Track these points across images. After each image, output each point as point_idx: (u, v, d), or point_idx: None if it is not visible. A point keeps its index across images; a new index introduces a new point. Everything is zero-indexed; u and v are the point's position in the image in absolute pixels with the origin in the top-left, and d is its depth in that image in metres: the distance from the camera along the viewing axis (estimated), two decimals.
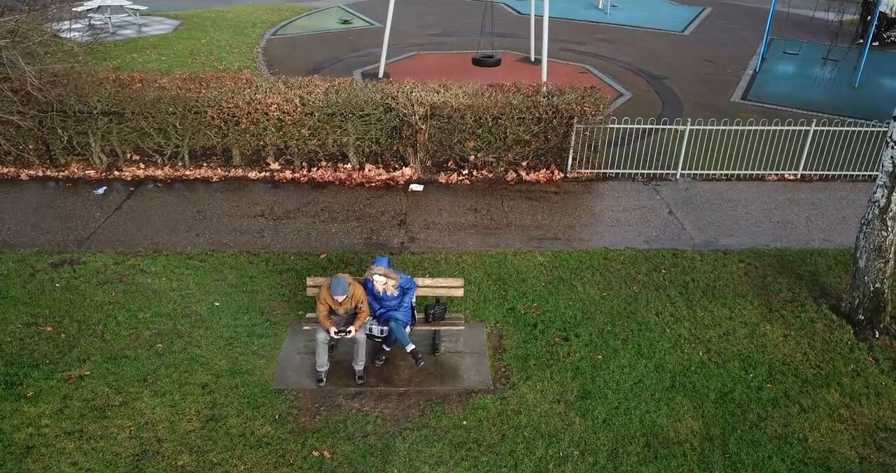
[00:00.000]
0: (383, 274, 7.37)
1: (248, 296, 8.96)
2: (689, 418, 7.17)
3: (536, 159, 12.72)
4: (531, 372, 7.74)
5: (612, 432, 6.97)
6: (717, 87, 18.16)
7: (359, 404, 7.25)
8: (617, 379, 7.66)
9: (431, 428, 6.94)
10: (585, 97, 12.26)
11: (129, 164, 12.53)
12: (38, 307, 8.62)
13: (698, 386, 7.62)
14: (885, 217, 8.34)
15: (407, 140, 12.31)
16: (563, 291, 9.25)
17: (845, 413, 7.32)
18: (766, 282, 9.59)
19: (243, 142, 12.34)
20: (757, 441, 6.93)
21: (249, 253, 9.99)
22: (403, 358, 7.76)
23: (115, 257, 9.79)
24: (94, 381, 7.44)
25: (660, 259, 10.13)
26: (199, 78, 12.76)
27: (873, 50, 19.48)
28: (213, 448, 6.65)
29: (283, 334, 8.29)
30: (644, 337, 8.37)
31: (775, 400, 7.44)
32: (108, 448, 6.61)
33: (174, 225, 10.76)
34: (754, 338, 8.41)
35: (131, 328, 8.30)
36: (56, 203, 11.42)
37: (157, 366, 7.68)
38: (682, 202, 12.01)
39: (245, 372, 7.64)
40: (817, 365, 8.01)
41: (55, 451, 6.55)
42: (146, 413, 7.04)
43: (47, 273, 9.37)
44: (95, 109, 11.77)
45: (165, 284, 9.16)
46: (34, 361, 7.68)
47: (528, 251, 10.25)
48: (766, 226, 11.24)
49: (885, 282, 8.55)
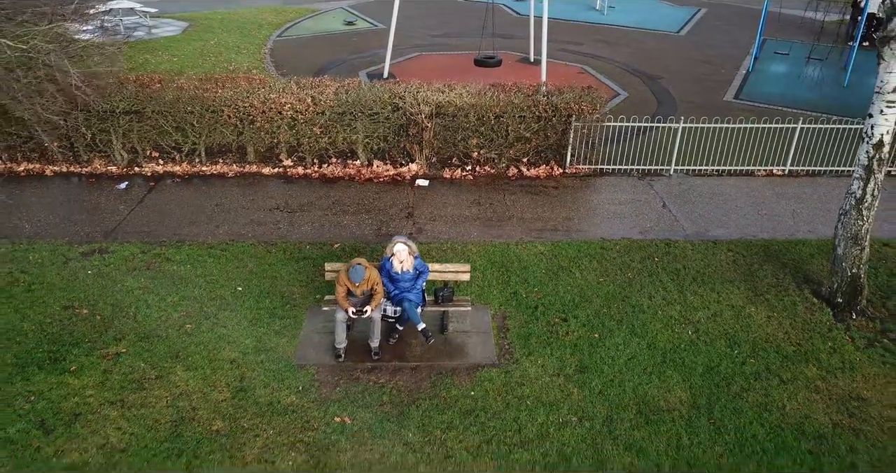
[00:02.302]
0: (404, 242, 8.04)
1: (269, 282, 9.60)
2: (677, 389, 7.82)
3: (536, 155, 13.38)
4: (533, 349, 8.39)
5: (607, 401, 7.62)
6: (711, 87, 18.82)
7: (375, 377, 7.90)
8: (612, 356, 8.32)
9: (442, 398, 7.59)
10: (583, 96, 12.91)
11: (148, 161, 13.16)
12: (73, 292, 9.26)
13: (687, 361, 8.27)
14: (861, 207, 9.00)
15: (413, 137, 12.95)
16: (562, 278, 9.90)
17: (821, 384, 7.98)
18: (752, 270, 10.25)
19: (257, 139, 12.99)
20: (739, 408, 7.58)
21: (267, 243, 10.63)
22: (415, 336, 8.40)
23: (142, 247, 10.43)
24: (130, 358, 8.08)
25: (653, 248, 10.78)
26: (214, 78, 13.41)
27: (864, 49, 20.16)
28: (244, 415, 7.29)
29: (302, 316, 8.93)
30: (637, 318, 9.02)
31: (757, 374, 8.10)
32: (148, 414, 7.25)
33: (194, 217, 11.40)
34: (740, 319, 9.07)
35: (161, 310, 8.94)
36: (81, 197, 12.05)
37: (188, 344, 8.32)
38: (675, 196, 12.66)
39: (269, 349, 8.28)
40: (797, 343, 8.67)
41: (100, 417, 7.19)
42: (180, 385, 7.68)
43: (79, 261, 10.01)
44: (118, 108, 12.40)
45: (190, 271, 9.80)
46: (74, 340, 8.32)
47: (528, 241, 10.90)
48: (754, 218, 11.89)
49: (861, 268, 9.21)
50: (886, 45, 8.31)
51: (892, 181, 13.03)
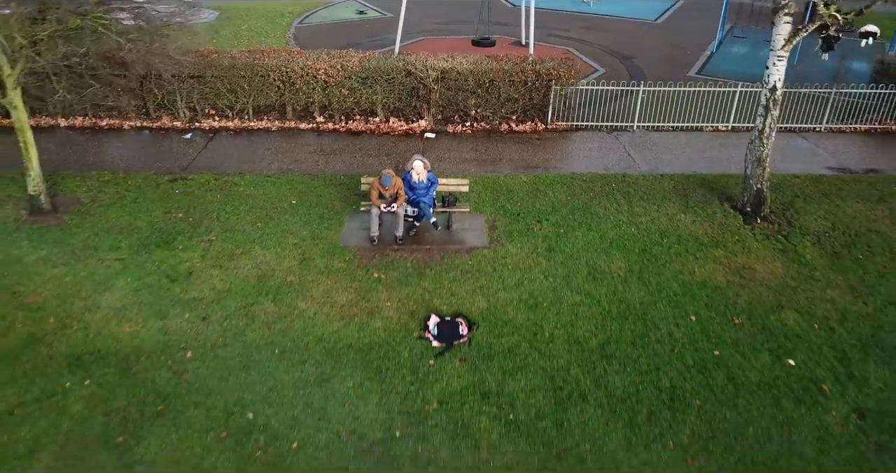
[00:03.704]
0: (420, 159, 11.02)
1: (315, 198, 12.59)
2: (618, 261, 10.81)
3: (523, 114, 16.36)
4: (514, 239, 11.38)
5: (566, 267, 10.61)
6: (678, 66, 21.78)
7: (399, 254, 10.88)
8: (572, 242, 11.31)
9: (448, 265, 10.58)
10: (561, 65, 15.90)
11: (206, 118, 16.14)
12: (168, 203, 12.25)
13: (627, 246, 11.26)
14: (762, 137, 11.98)
15: (422, 98, 15.92)
16: (539, 197, 12.89)
17: (724, 260, 10.97)
18: (687, 192, 13.24)
19: (296, 100, 15.97)
20: (662, 273, 10.56)
21: (310, 174, 13.61)
22: (428, 230, 11.39)
23: (213, 176, 13.41)
24: (219, 242, 11.07)
25: (612, 179, 13.76)
26: (261, 50, 16.40)
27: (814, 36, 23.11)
28: (309, 273, 10.28)
29: (343, 219, 11.91)
30: (594, 221, 12.01)
31: (678, 254, 11.09)
32: (240, 273, 10.24)
33: (250, 157, 14.38)
34: (671, 222, 12.06)
35: (237, 215, 11.93)
36: (157, 144, 15.03)
37: (261, 235, 11.31)
38: (635, 145, 15.64)
39: (321, 238, 11.27)
40: (712, 236, 11.66)
41: (206, 274, 10.18)
42: (259, 257, 10.67)
43: (167, 185, 12.99)
44: (184, 73, 15.37)
45: (254, 191, 12.80)
46: (177, 232, 11.31)
47: (514, 174, 13.88)
48: (697, 160, 14.87)
49: (763, 184, 12.19)
50: (777, 13, 11.29)
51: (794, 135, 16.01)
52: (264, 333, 9.00)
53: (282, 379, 8.23)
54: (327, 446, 7.32)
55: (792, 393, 8.22)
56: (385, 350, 8.76)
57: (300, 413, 7.72)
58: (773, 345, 9.04)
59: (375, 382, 8.22)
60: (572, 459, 7.26)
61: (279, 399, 7.93)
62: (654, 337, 9.14)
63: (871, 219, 12.36)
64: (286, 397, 7.96)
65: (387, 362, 8.55)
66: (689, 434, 7.61)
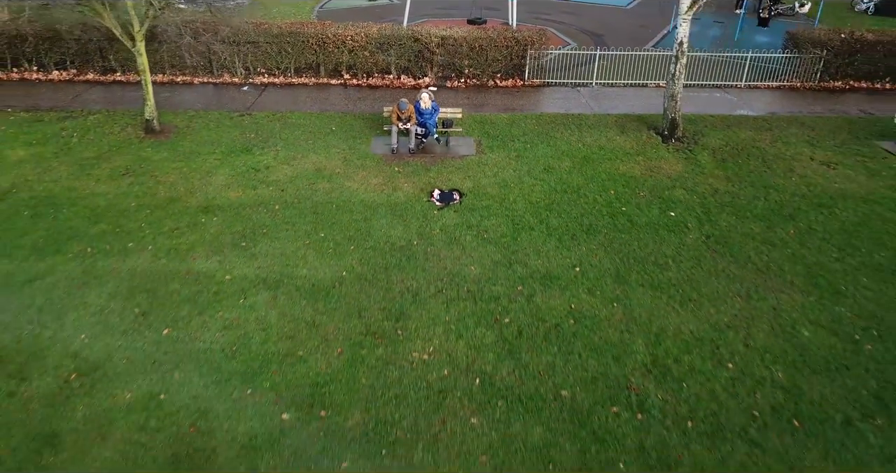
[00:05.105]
0: (427, 91, 15.57)
1: (348, 127, 17.14)
2: (566, 162, 15.36)
3: (506, 73, 20.87)
4: (494, 151, 15.92)
5: (528, 166, 15.14)
6: (639, 41, 26.28)
7: (412, 158, 15.43)
8: (535, 153, 15.86)
9: (447, 164, 15.13)
10: (534, 34, 20.44)
11: (257, 75, 20.67)
12: (241, 129, 16.80)
13: (574, 154, 15.81)
14: (674, 78, 16.53)
15: (426, 59, 20.45)
16: (514, 127, 17.43)
17: (643, 163, 15.50)
18: (625, 125, 17.79)
19: (328, 61, 20.50)
20: (596, 168, 15.09)
21: (343, 112, 18.16)
22: (432, 144, 15.95)
23: (271, 114, 17.96)
24: (284, 151, 15.62)
25: (571, 117, 18.30)
26: (301, 22, 20.95)
27: (749, 17, 27.67)
28: (350, 168, 14.83)
29: (370, 138, 16.43)
30: (552, 141, 16.56)
31: (610, 158, 15.63)
32: (302, 167, 14.79)
33: (295, 103, 18.92)
34: (610, 141, 16.61)
35: (293, 135, 16.47)
36: (221, 94, 19.58)
37: (313, 146, 15.86)
38: (593, 96, 20.18)
39: (356, 149, 15.81)
40: (637, 149, 16.21)
41: (279, 168, 14.72)
42: (314, 159, 15.21)
43: (238, 118, 17.54)
44: (243, 39, 19.90)
45: (303, 121, 17.35)
46: (253, 144, 15.87)
47: (497, 114, 18.42)
48: (638, 106, 19.40)
49: (677, 114, 16.73)
50: None
51: (719, 90, 20.56)
52: (324, 197, 13.55)
53: (341, 218, 12.78)
54: (374, 247, 11.88)
55: (667, 228, 12.78)
56: (405, 207, 13.30)
57: (354, 234, 12.27)
58: (663, 206, 13.59)
59: (399, 220, 12.77)
60: (521, 255, 11.81)
61: (340, 226, 12.47)
62: (583, 201, 13.69)
63: (756, 140, 16.93)
64: (344, 225, 12.51)
65: (406, 212, 13.10)
66: (597, 244, 12.16)
